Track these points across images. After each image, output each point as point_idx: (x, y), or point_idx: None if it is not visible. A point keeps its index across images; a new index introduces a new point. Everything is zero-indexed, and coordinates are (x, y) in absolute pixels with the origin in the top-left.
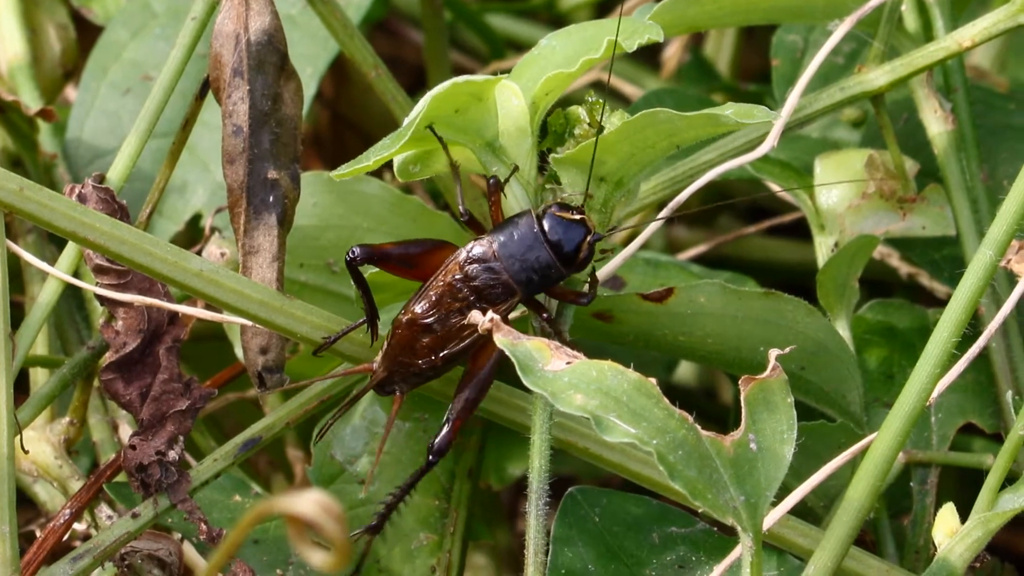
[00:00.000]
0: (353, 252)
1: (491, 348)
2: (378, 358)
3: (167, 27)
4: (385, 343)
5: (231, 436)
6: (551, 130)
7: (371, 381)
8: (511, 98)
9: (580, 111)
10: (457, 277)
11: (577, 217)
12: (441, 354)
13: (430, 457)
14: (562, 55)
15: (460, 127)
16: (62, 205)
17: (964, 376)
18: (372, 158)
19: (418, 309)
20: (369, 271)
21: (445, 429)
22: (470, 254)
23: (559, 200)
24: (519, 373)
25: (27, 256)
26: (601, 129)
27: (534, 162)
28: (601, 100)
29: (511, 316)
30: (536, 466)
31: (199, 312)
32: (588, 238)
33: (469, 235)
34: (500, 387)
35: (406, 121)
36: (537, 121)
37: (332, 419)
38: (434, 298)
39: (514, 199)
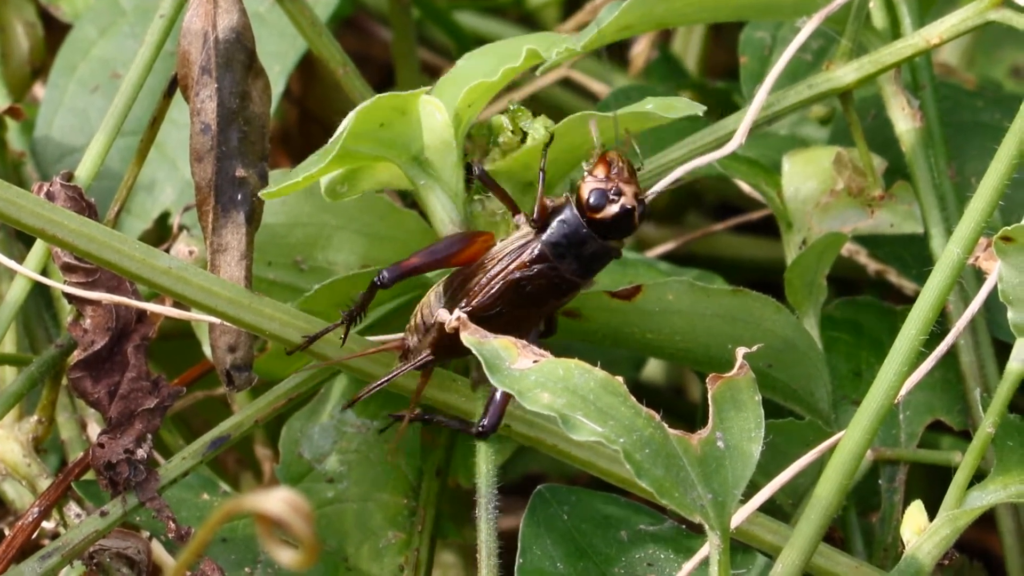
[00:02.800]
0: (381, 277)
1: (535, 320)
2: (413, 339)
3: (135, 25)
4: (428, 332)
5: (199, 434)
6: (475, 141)
7: (415, 362)
8: (434, 113)
9: (503, 119)
10: (524, 275)
11: (618, 196)
12: None
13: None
14: (479, 71)
15: (386, 142)
16: (30, 203)
17: (932, 374)
18: (301, 175)
19: (477, 303)
20: (309, 292)
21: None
22: (532, 255)
23: (593, 169)
24: (486, 372)
25: None
26: (525, 135)
27: (460, 174)
28: (523, 107)
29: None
30: (483, 471)
31: (167, 310)
32: (636, 210)
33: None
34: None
35: (332, 137)
36: (462, 133)
37: (372, 388)
38: (497, 294)
39: (443, 211)
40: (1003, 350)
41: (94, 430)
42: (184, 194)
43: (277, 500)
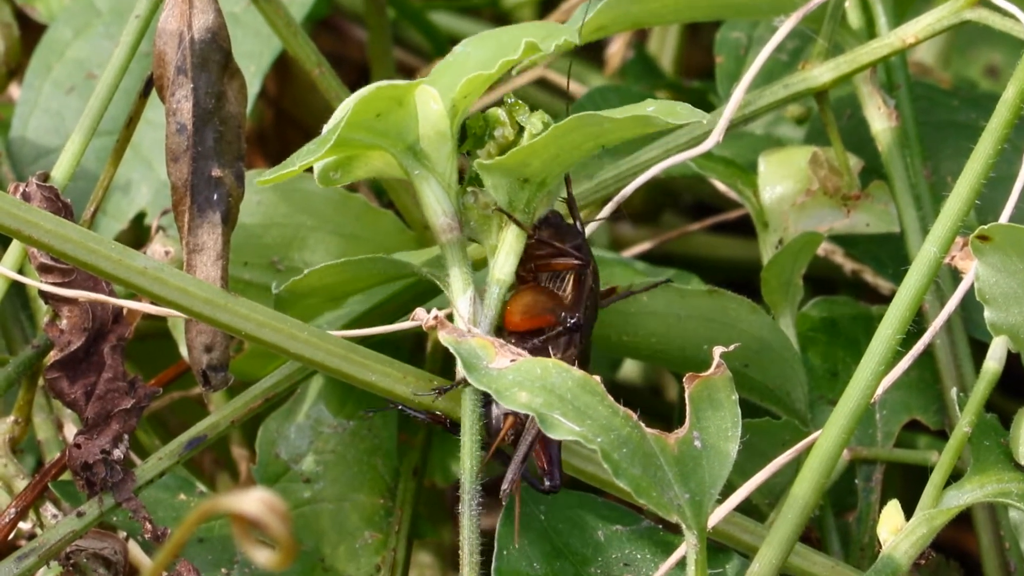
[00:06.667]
0: None
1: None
2: None
3: (111, 25)
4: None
5: (176, 435)
6: (470, 133)
7: None
8: (430, 102)
9: (500, 112)
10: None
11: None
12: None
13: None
14: (477, 60)
15: (381, 131)
16: (6, 203)
17: (909, 373)
18: (297, 163)
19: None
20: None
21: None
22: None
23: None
24: (464, 371)
25: None
26: (521, 129)
27: (455, 165)
28: (520, 101)
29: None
30: (467, 467)
31: (144, 307)
32: None
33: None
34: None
35: (329, 125)
36: (457, 124)
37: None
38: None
39: (436, 202)
40: (979, 349)
41: (71, 431)
42: (160, 194)
43: (254, 500)
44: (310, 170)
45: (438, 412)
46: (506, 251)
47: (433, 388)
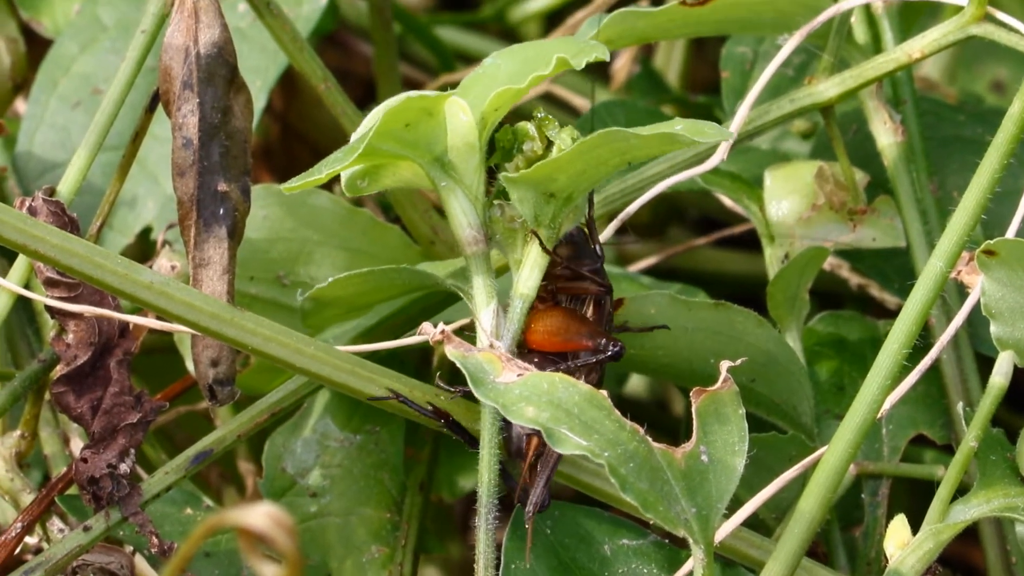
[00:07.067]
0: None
1: None
2: None
3: (117, 40)
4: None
5: (182, 449)
6: (499, 146)
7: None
8: (459, 114)
9: (529, 127)
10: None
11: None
12: None
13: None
14: (508, 72)
15: (410, 142)
16: (12, 218)
17: (915, 388)
18: (324, 171)
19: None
20: (322, 284)
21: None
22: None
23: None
24: (470, 385)
25: None
26: (550, 144)
27: (482, 178)
28: (550, 116)
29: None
30: (485, 480)
31: (150, 322)
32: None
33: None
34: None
35: (357, 134)
36: (485, 137)
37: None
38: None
39: (462, 214)
40: (986, 364)
41: (77, 445)
42: (166, 209)
43: (260, 515)
44: (326, 183)
45: (440, 407)
46: (530, 266)
47: (454, 388)
